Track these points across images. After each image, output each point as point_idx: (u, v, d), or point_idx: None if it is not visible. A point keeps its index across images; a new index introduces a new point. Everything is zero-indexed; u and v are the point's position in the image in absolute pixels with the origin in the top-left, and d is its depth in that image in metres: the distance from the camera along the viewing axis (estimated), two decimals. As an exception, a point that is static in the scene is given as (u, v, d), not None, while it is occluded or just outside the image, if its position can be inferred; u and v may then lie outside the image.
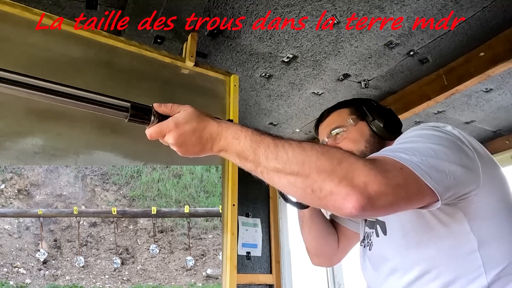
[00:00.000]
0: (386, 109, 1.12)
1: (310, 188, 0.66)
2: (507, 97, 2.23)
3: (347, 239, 1.25)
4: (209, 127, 0.77)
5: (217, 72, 1.66)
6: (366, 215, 0.67)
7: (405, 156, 0.70)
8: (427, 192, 0.68)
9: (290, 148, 0.69)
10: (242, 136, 0.74)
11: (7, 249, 1.12)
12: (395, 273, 0.87)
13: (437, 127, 0.83)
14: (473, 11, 1.61)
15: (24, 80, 0.68)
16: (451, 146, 0.77)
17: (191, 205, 1.39)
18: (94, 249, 1.23)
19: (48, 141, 1.19)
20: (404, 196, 0.67)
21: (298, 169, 0.67)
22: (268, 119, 2.64)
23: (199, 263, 1.34)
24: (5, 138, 1.13)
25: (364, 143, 1.05)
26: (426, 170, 0.68)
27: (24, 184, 1.19)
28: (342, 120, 1.11)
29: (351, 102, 1.16)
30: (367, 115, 1.09)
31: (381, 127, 1.06)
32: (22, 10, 1.25)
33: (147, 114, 0.78)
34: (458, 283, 0.77)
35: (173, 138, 0.76)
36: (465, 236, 0.78)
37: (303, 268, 3.30)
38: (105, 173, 1.31)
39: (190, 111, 0.78)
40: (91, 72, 1.34)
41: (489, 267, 0.76)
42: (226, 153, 0.77)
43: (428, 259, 0.81)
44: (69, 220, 1.23)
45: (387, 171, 0.66)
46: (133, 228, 1.30)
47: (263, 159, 0.71)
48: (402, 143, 0.79)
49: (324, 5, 1.56)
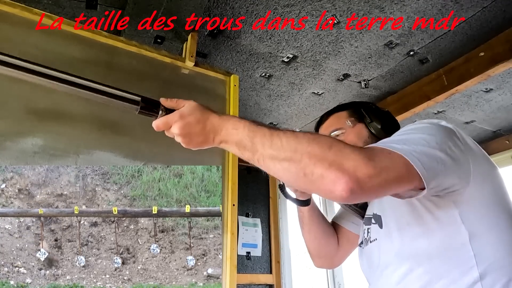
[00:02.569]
0: (384, 111, 1.15)
1: (303, 172, 0.69)
2: (507, 97, 2.24)
3: (348, 241, 1.26)
4: (211, 118, 0.82)
5: (217, 72, 1.66)
6: (356, 198, 0.69)
7: (396, 145, 0.73)
8: (415, 176, 0.71)
9: (284, 136, 0.74)
10: (241, 126, 0.79)
11: (7, 249, 1.12)
12: (390, 267, 0.89)
13: (431, 122, 0.85)
14: (473, 11, 1.61)
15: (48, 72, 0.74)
16: (442, 137, 0.79)
17: (192, 205, 1.39)
18: (95, 248, 1.23)
19: (48, 141, 1.19)
20: (393, 178, 0.69)
21: (291, 155, 0.71)
22: (268, 119, 2.64)
23: (200, 263, 1.34)
24: (5, 138, 1.13)
25: (362, 145, 1.06)
26: (417, 156, 0.71)
27: (25, 184, 1.19)
28: (340, 122, 1.14)
29: (349, 105, 1.19)
30: (365, 117, 1.11)
31: (378, 129, 1.08)
32: (22, 10, 1.25)
33: (155, 107, 0.84)
34: (450, 275, 0.78)
35: (178, 129, 0.81)
36: (457, 228, 0.80)
37: (303, 268, 3.30)
38: (106, 172, 1.31)
39: (194, 104, 0.83)
40: (91, 72, 1.33)
41: (480, 259, 0.77)
42: (226, 144, 0.82)
43: (421, 252, 0.83)
44: (69, 219, 1.23)
45: (375, 155, 0.70)
46: (134, 227, 1.30)
47: (260, 146, 0.75)
48: (394, 136, 0.83)
49: (324, 5, 1.56)
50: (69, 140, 1.23)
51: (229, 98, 1.64)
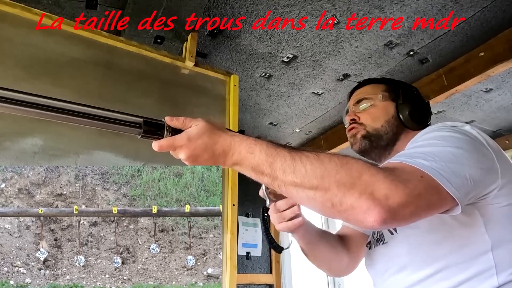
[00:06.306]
0: (423, 100, 1.10)
1: (330, 202, 0.65)
2: (507, 97, 2.23)
3: (357, 245, 1.18)
4: (221, 142, 0.75)
5: (217, 72, 1.66)
6: (387, 227, 0.67)
7: (425, 162, 0.69)
8: (448, 200, 0.68)
9: (308, 161, 0.68)
10: (257, 150, 0.72)
11: (7, 249, 1.12)
12: (404, 271, 0.86)
13: (455, 126, 0.82)
14: (473, 11, 1.61)
15: (30, 99, 0.65)
16: (470, 149, 0.76)
17: (192, 204, 1.39)
18: (95, 248, 1.23)
19: (48, 141, 1.19)
20: (425, 205, 0.66)
21: (317, 183, 0.66)
22: (268, 119, 2.64)
23: (200, 263, 1.34)
24: (5, 138, 1.13)
25: (383, 122, 1.04)
26: (447, 177, 0.68)
27: (25, 184, 1.19)
28: (373, 92, 1.10)
29: (391, 81, 1.14)
30: (399, 97, 1.07)
31: (406, 114, 1.04)
32: (22, 10, 1.25)
33: (160, 129, 0.76)
34: (468, 283, 0.76)
35: (185, 154, 0.74)
36: (480, 237, 0.78)
37: (303, 268, 3.30)
38: (106, 172, 1.31)
39: (202, 125, 0.75)
40: (91, 72, 1.34)
41: (501, 268, 0.75)
42: (240, 167, 0.75)
43: (439, 258, 0.81)
44: (69, 219, 1.23)
45: (408, 181, 0.65)
46: (133, 227, 1.30)
47: (280, 173, 0.69)
48: (420, 146, 0.78)
49: (324, 5, 1.56)
50: (69, 140, 1.22)
51: (229, 98, 1.64)
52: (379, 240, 0.98)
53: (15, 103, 0.64)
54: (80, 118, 0.70)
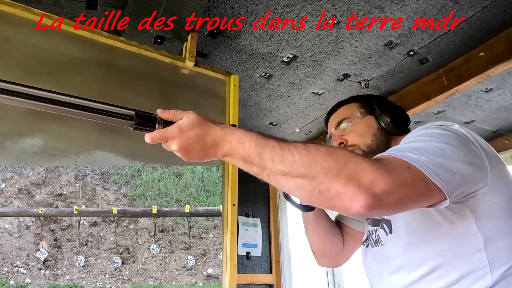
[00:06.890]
0: (395, 105, 1.13)
1: (318, 190, 0.66)
2: (507, 97, 2.23)
3: (352, 239, 1.24)
4: (212, 133, 0.77)
5: (217, 72, 1.66)
6: (373, 214, 0.67)
7: (412, 155, 0.70)
8: (434, 191, 0.69)
9: (296, 151, 0.69)
10: (247, 141, 0.74)
11: (7, 249, 1.12)
12: (400, 271, 0.87)
13: (444, 125, 0.83)
14: (473, 11, 1.61)
15: (27, 91, 0.68)
16: (458, 145, 0.77)
17: (192, 205, 1.39)
18: (95, 248, 1.23)
19: (48, 141, 1.19)
20: (411, 194, 0.67)
21: (304, 171, 0.67)
22: (268, 119, 2.64)
23: (200, 263, 1.34)
24: (5, 138, 1.13)
25: (371, 137, 1.06)
26: (434, 169, 0.68)
27: (25, 184, 1.19)
28: (350, 113, 1.13)
29: (361, 97, 1.17)
30: (375, 110, 1.10)
31: (388, 122, 1.07)
32: (22, 10, 1.25)
33: (151, 122, 0.78)
34: (463, 281, 0.77)
35: (177, 145, 0.76)
36: (472, 234, 0.78)
37: (303, 268, 3.30)
38: (106, 172, 1.31)
39: (193, 117, 0.78)
40: (91, 72, 1.34)
41: (494, 266, 0.76)
42: (231, 158, 0.77)
43: (433, 258, 0.81)
44: (69, 219, 1.23)
45: (394, 170, 0.67)
46: (133, 227, 1.30)
47: (269, 162, 0.71)
48: (409, 142, 0.79)
49: (324, 5, 1.56)
50: (69, 140, 1.22)
51: (229, 98, 1.64)
52: (377, 241, 0.99)
53: (11, 94, 0.67)
54: (74, 110, 0.73)
